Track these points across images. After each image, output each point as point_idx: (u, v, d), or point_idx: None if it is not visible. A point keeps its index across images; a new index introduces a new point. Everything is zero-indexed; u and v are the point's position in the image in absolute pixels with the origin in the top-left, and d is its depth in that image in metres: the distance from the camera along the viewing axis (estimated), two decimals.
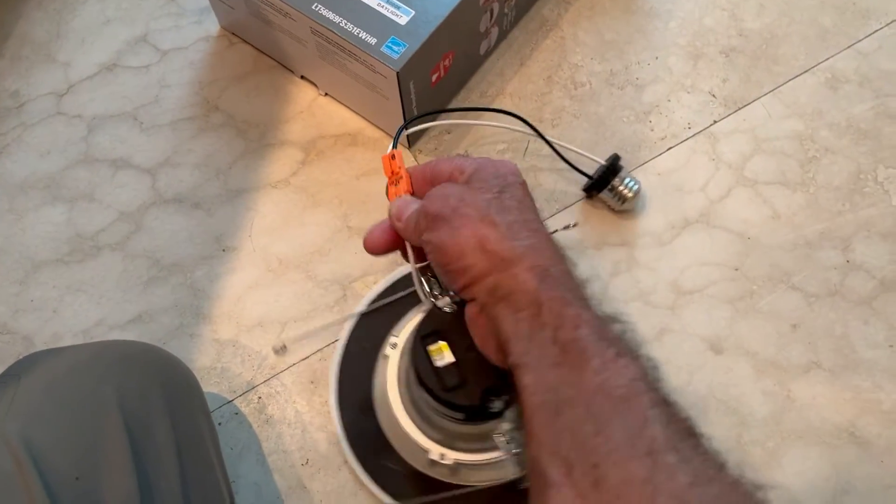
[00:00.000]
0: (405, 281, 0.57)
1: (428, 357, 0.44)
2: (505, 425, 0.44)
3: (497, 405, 0.44)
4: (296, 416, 0.56)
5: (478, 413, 0.44)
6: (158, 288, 0.60)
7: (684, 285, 0.59)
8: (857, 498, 0.52)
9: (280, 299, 0.59)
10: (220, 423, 0.56)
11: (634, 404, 0.32)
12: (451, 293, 0.45)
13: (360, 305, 0.58)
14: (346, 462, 0.54)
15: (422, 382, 0.44)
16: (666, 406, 0.33)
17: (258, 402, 0.56)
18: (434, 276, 0.48)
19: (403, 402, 0.52)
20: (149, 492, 0.41)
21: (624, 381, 0.33)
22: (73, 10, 0.71)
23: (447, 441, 0.50)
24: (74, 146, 0.65)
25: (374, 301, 0.58)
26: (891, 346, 0.56)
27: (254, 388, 0.57)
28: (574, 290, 0.36)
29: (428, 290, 0.45)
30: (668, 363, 0.56)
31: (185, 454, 0.44)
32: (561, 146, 0.61)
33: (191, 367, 0.52)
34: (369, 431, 0.54)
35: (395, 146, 0.46)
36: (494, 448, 0.46)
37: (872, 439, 0.54)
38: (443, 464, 0.50)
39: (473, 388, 0.43)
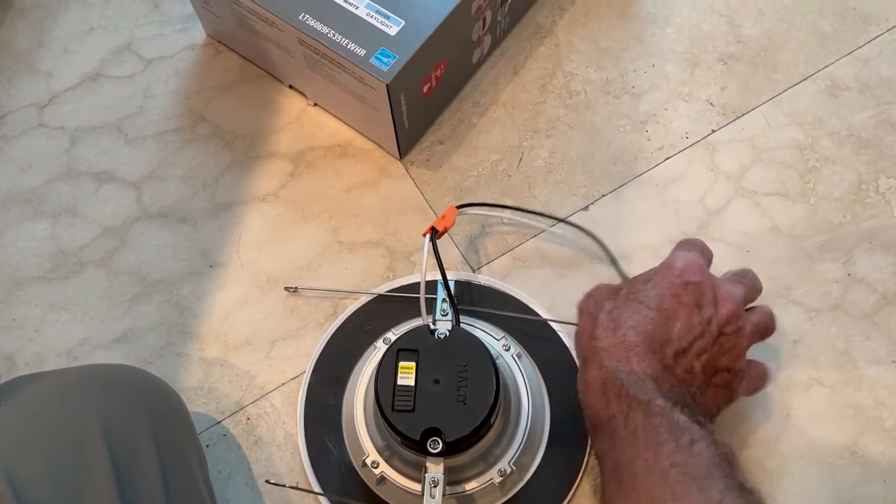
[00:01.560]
0: (430, 286, 0.54)
1: (395, 370, 0.44)
2: (435, 469, 0.44)
3: (436, 447, 0.43)
4: (286, 437, 0.54)
5: (415, 446, 0.43)
6: (144, 305, 0.59)
7: None
8: None
9: (269, 316, 0.58)
10: (207, 445, 0.54)
11: (711, 484, 0.35)
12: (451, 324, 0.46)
13: (381, 289, 0.58)
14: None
15: (377, 393, 0.44)
16: (743, 491, 0.35)
17: (247, 424, 0.55)
18: (453, 303, 0.47)
19: (366, 397, 0.51)
20: None
21: (701, 463, 0.36)
22: (56, 18, 0.70)
23: (385, 452, 0.49)
24: (57, 159, 0.64)
25: (394, 290, 0.57)
26: (893, 361, 0.55)
27: (242, 408, 0.55)
28: (647, 382, 0.40)
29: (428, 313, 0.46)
30: None
31: (171, 481, 0.43)
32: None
33: (177, 388, 0.50)
34: (328, 407, 0.54)
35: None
36: (419, 482, 0.45)
37: (875, 458, 0.53)
38: (372, 470, 0.49)
39: (418, 422, 0.43)
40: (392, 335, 0.53)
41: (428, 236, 0.51)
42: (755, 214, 0.60)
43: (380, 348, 0.53)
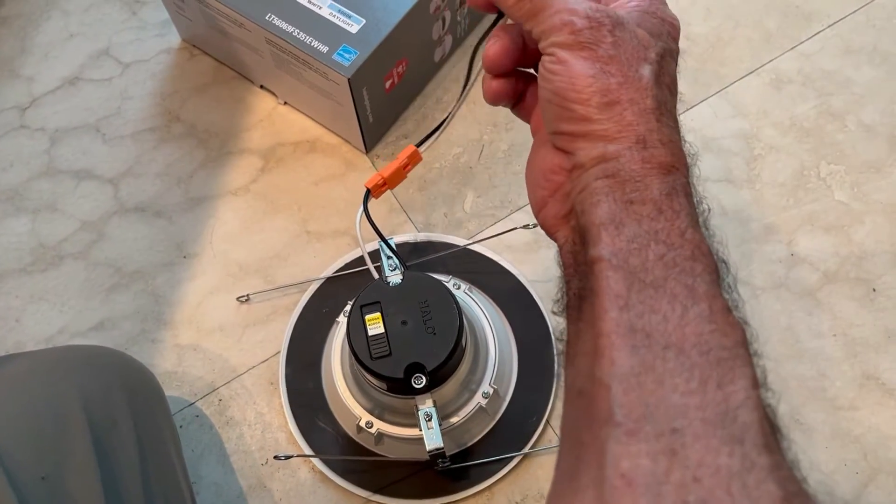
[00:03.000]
0: (373, 256, 0.57)
1: (364, 325, 0.46)
2: (425, 405, 0.47)
3: (420, 382, 0.46)
4: (256, 416, 0.57)
5: (401, 386, 0.47)
6: (120, 295, 0.61)
7: None
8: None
9: (240, 304, 0.60)
10: (181, 426, 0.57)
11: (736, 376, 0.27)
12: (404, 266, 0.48)
13: (327, 272, 0.61)
14: (286, 425, 0.55)
15: (352, 348, 0.47)
16: (764, 388, 0.28)
17: (219, 405, 0.57)
18: (392, 255, 0.50)
19: (343, 368, 0.54)
20: (114, 491, 0.42)
21: (729, 344, 0.28)
22: (37, 25, 0.73)
23: (376, 411, 0.52)
24: (37, 158, 0.66)
25: (340, 270, 0.61)
26: (834, 335, 0.58)
27: (215, 390, 0.58)
28: (693, 211, 0.32)
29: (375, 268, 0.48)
30: None
31: (147, 455, 0.45)
32: None
33: (153, 372, 0.53)
34: (309, 389, 0.57)
35: None
36: (417, 425, 0.48)
37: (817, 426, 0.55)
38: (368, 431, 0.52)
39: (398, 362, 0.46)
40: (349, 307, 0.56)
41: (360, 208, 0.52)
42: (704, 200, 0.63)
43: (342, 322, 0.55)
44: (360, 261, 0.61)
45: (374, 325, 0.48)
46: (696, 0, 0.71)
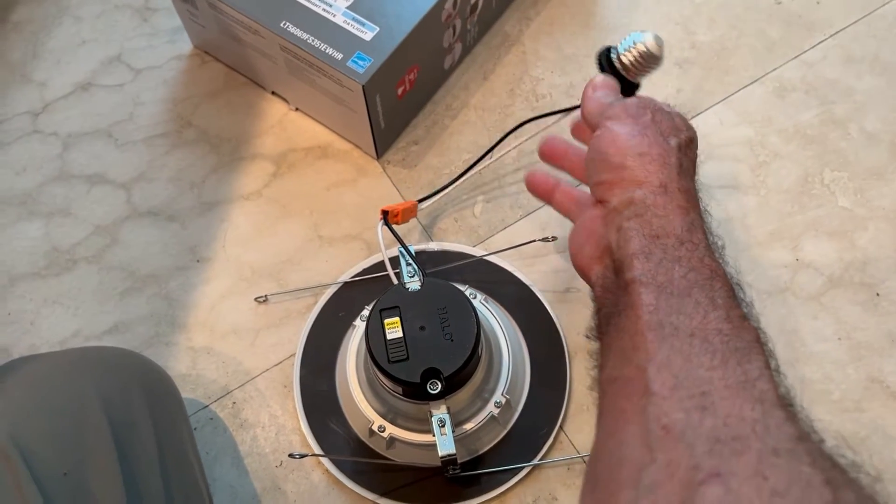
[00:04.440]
0: (392, 261, 0.59)
1: (382, 328, 0.47)
2: (439, 411, 0.48)
3: (435, 388, 0.47)
4: (270, 419, 0.57)
5: (416, 391, 0.47)
6: (134, 299, 0.62)
7: None
8: None
9: (254, 307, 0.61)
10: (195, 428, 0.57)
11: (753, 358, 0.33)
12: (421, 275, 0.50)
13: (344, 276, 0.61)
14: (298, 428, 0.55)
15: (370, 351, 0.47)
16: (777, 374, 0.34)
17: (233, 407, 0.58)
18: (411, 262, 0.51)
19: (358, 372, 0.55)
20: (134, 489, 0.42)
21: (745, 341, 0.34)
22: (49, 32, 0.73)
23: (389, 415, 0.53)
24: (50, 163, 0.67)
25: (357, 275, 0.61)
26: (839, 339, 0.59)
27: (229, 393, 0.58)
28: (712, 241, 0.39)
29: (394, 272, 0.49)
30: None
31: (166, 454, 0.46)
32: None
33: None
34: (323, 392, 0.57)
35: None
36: (429, 431, 0.49)
37: (823, 428, 0.56)
38: (380, 435, 0.53)
39: (415, 366, 0.47)
40: (367, 312, 0.56)
41: (381, 220, 0.57)
42: (710, 206, 0.64)
43: (359, 326, 0.56)
44: (376, 267, 0.61)
45: (393, 329, 0.49)
46: (700, 10, 0.73)
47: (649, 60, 0.50)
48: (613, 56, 0.50)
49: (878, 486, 0.32)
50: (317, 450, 0.55)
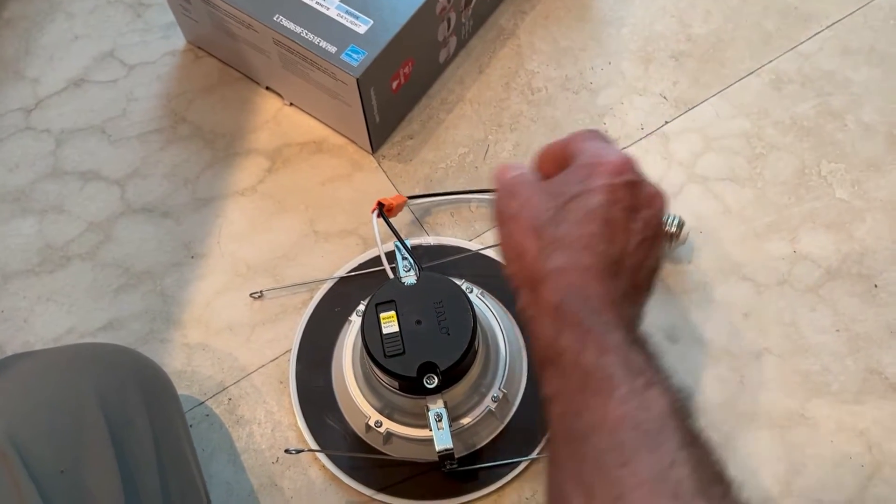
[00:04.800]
0: (388, 256, 0.59)
1: (378, 323, 0.47)
2: (436, 405, 0.47)
3: (432, 382, 0.47)
4: (266, 415, 0.57)
5: (413, 385, 0.47)
6: (128, 295, 0.61)
7: None
8: (809, 477, 0.54)
9: (249, 302, 0.61)
10: (191, 425, 0.57)
11: (663, 440, 0.31)
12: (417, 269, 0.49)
13: (340, 271, 0.61)
14: (295, 423, 0.55)
15: (366, 345, 0.47)
16: (696, 447, 0.32)
17: (229, 404, 0.58)
18: (407, 256, 0.51)
19: (354, 367, 0.54)
20: (132, 486, 0.42)
21: (653, 415, 0.32)
22: (42, 28, 0.73)
23: (386, 410, 0.53)
24: (43, 160, 0.67)
25: (353, 270, 0.61)
26: (837, 330, 0.59)
27: (224, 389, 0.58)
28: (604, 313, 0.35)
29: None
30: None
31: (163, 451, 0.45)
32: None
33: None
34: (319, 388, 0.57)
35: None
36: (426, 426, 0.48)
37: (822, 420, 0.56)
38: (377, 430, 0.52)
39: (412, 360, 0.46)
40: (363, 307, 0.56)
41: (376, 211, 0.57)
42: (707, 198, 0.64)
43: (355, 321, 0.56)
44: (372, 262, 0.61)
45: (389, 323, 0.49)
46: (696, 2, 0.72)
47: (666, 239, 0.59)
48: None
49: None
50: (313, 445, 0.55)
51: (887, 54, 0.69)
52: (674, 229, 0.59)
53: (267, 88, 0.69)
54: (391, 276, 0.52)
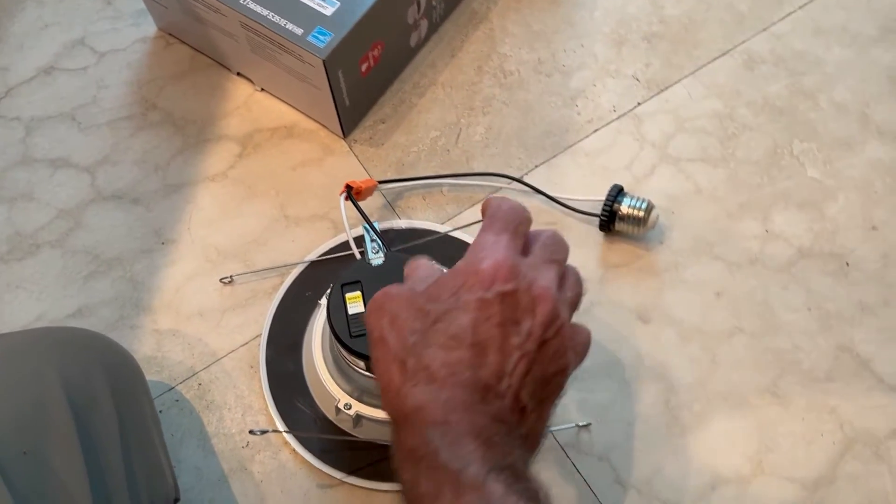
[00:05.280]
0: (358, 241, 0.59)
1: (344, 303, 0.47)
2: None
3: None
4: (236, 400, 0.57)
5: None
6: (98, 282, 0.61)
7: (612, 260, 0.61)
8: (781, 454, 0.54)
9: (219, 288, 0.60)
10: (161, 411, 0.56)
11: None
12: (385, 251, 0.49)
13: (311, 256, 0.61)
14: (266, 408, 0.55)
15: (332, 326, 0.47)
16: None
17: (199, 389, 0.57)
18: (376, 238, 0.51)
19: (324, 350, 0.54)
20: (96, 467, 0.42)
21: None
22: (12, 16, 0.72)
23: (355, 393, 0.52)
24: (13, 147, 0.66)
25: (323, 255, 0.61)
26: (809, 309, 0.59)
27: (195, 374, 0.58)
28: (462, 447, 0.32)
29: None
30: (599, 334, 0.58)
31: (128, 434, 0.45)
32: (555, 195, 0.62)
33: None
34: (290, 372, 0.57)
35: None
36: None
37: (794, 398, 0.56)
38: (347, 413, 0.52)
39: None
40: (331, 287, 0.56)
41: (344, 194, 0.57)
42: (679, 179, 0.64)
43: (324, 305, 0.55)
44: (343, 246, 0.61)
45: (355, 303, 0.48)
46: None
47: (635, 223, 0.59)
48: (620, 200, 0.59)
49: None
50: (283, 429, 0.55)
51: (859, 34, 0.69)
52: (642, 213, 0.59)
53: (238, 74, 0.68)
54: (356, 252, 0.51)
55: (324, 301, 0.56)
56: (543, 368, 0.35)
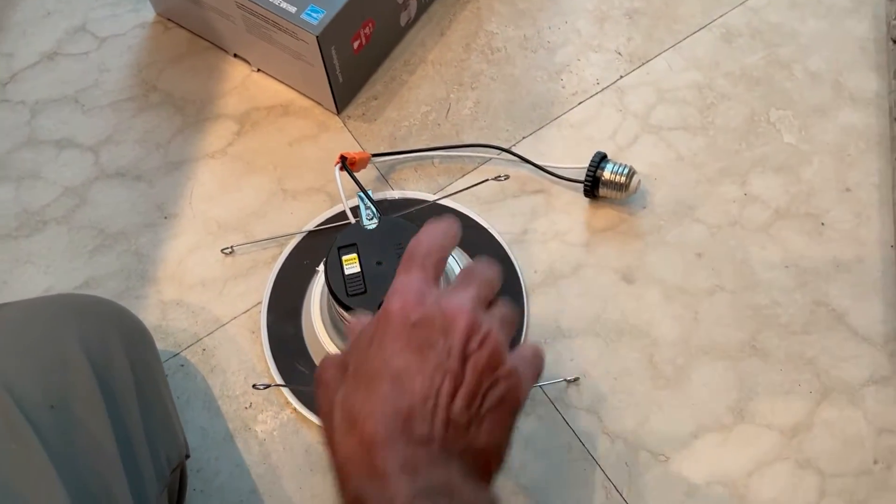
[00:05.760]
0: (354, 211, 0.61)
1: (340, 264, 0.49)
2: None
3: None
4: (239, 364, 0.59)
5: None
6: (104, 256, 0.63)
7: (597, 224, 0.63)
8: (760, 403, 0.57)
9: (221, 259, 0.63)
10: (167, 375, 0.59)
11: None
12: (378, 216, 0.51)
13: (308, 226, 0.63)
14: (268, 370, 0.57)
15: (329, 286, 0.49)
16: None
17: (203, 354, 0.60)
18: (370, 205, 0.53)
19: (322, 314, 0.56)
20: (118, 420, 0.44)
21: None
22: (14, 4, 0.75)
23: None
24: (19, 130, 0.69)
25: (320, 225, 0.63)
26: (786, 266, 0.61)
27: (199, 340, 0.60)
28: (388, 482, 0.32)
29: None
30: (585, 295, 0.61)
31: (143, 393, 0.47)
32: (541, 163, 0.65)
33: None
34: (290, 336, 0.59)
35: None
36: None
37: (772, 350, 0.58)
38: None
39: (373, 299, 0.49)
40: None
41: (339, 164, 0.60)
42: (661, 147, 0.66)
43: (322, 272, 0.58)
44: (339, 217, 0.63)
45: (351, 264, 0.51)
46: None
47: (617, 188, 0.62)
48: (603, 166, 0.62)
49: None
50: (286, 392, 0.57)
51: (833, 6, 0.72)
52: (624, 179, 0.61)
53: (235, 56, 0.71)
54: (351, 217, 0.54)
55: (321, 268, 0.58)
56: (476, 382, 0.34)
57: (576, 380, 0.58)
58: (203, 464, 0.56)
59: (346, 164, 0.60)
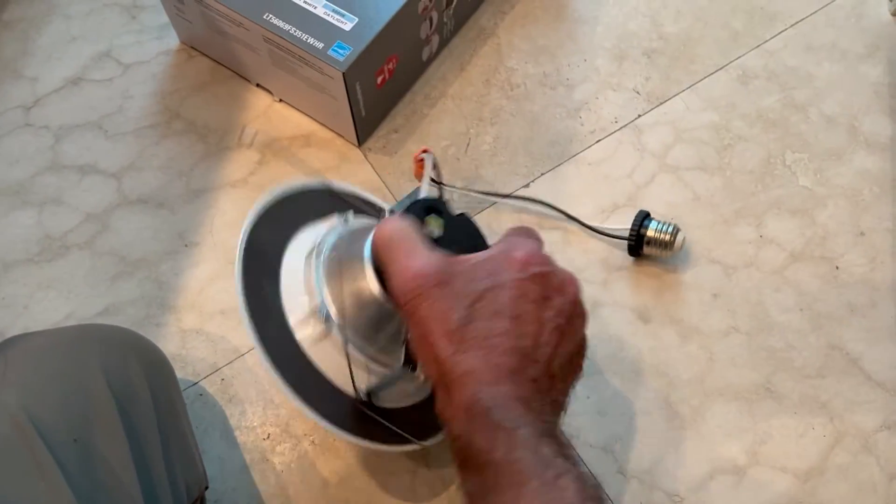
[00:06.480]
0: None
1: (423, 221, 0.47)
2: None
3: None
4: (258, 394, 0.60)
5: None
6: (125, 283, 0.64)
7: (614, 262, 0.64)
8: (774, 447, 0.57)
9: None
10: (186, 405, 0.59)
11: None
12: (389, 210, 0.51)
13: None
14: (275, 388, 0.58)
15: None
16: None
17: (221, 383, 0.60)
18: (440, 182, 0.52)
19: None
20: (139, 453, 0.44)
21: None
22: (40, 29, 0.76)
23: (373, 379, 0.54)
24: (42, 154, 0.69)
25: None
26: (801, 309, 0.62)
27: (217, 370, 0.61)
28: (513, 409, 0.36)
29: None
30: (602, 333, 0.61)
31: (164, 423, 0.48)
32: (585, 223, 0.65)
33: None
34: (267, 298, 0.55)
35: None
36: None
37: (787, 393, 0.59)
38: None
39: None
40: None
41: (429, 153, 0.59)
42: (678, 187, 0.67)
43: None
44: None
45: (434, 227, 0.48)
46: (668, 3, 0.76)
47: (662, 246, 0.62)
48: (646, 224, 0.62)
49: None
50: (309, 415, 0.56)
51: (847, 51, 0.73)
52: (668, 237, 0.61)
53: (257, 86, 0.72)
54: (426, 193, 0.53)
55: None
56: (570, 342, 0.40)
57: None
58: (220, 495, 0.56)
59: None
